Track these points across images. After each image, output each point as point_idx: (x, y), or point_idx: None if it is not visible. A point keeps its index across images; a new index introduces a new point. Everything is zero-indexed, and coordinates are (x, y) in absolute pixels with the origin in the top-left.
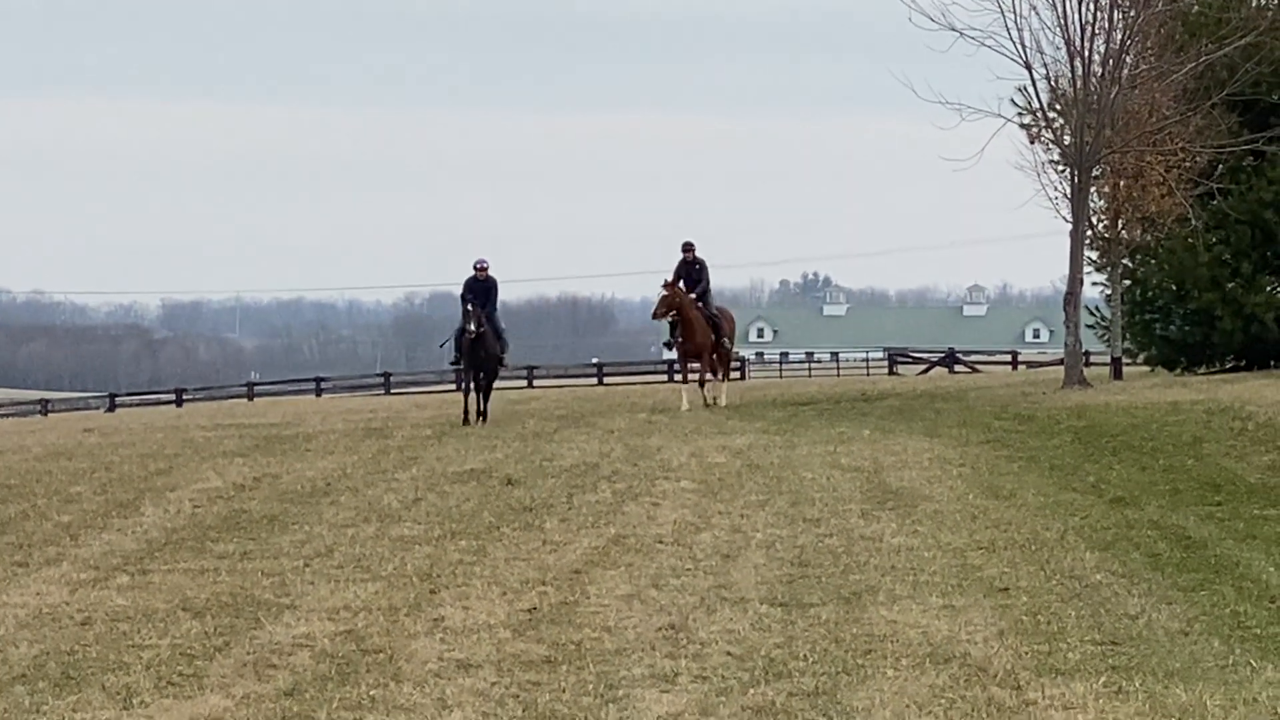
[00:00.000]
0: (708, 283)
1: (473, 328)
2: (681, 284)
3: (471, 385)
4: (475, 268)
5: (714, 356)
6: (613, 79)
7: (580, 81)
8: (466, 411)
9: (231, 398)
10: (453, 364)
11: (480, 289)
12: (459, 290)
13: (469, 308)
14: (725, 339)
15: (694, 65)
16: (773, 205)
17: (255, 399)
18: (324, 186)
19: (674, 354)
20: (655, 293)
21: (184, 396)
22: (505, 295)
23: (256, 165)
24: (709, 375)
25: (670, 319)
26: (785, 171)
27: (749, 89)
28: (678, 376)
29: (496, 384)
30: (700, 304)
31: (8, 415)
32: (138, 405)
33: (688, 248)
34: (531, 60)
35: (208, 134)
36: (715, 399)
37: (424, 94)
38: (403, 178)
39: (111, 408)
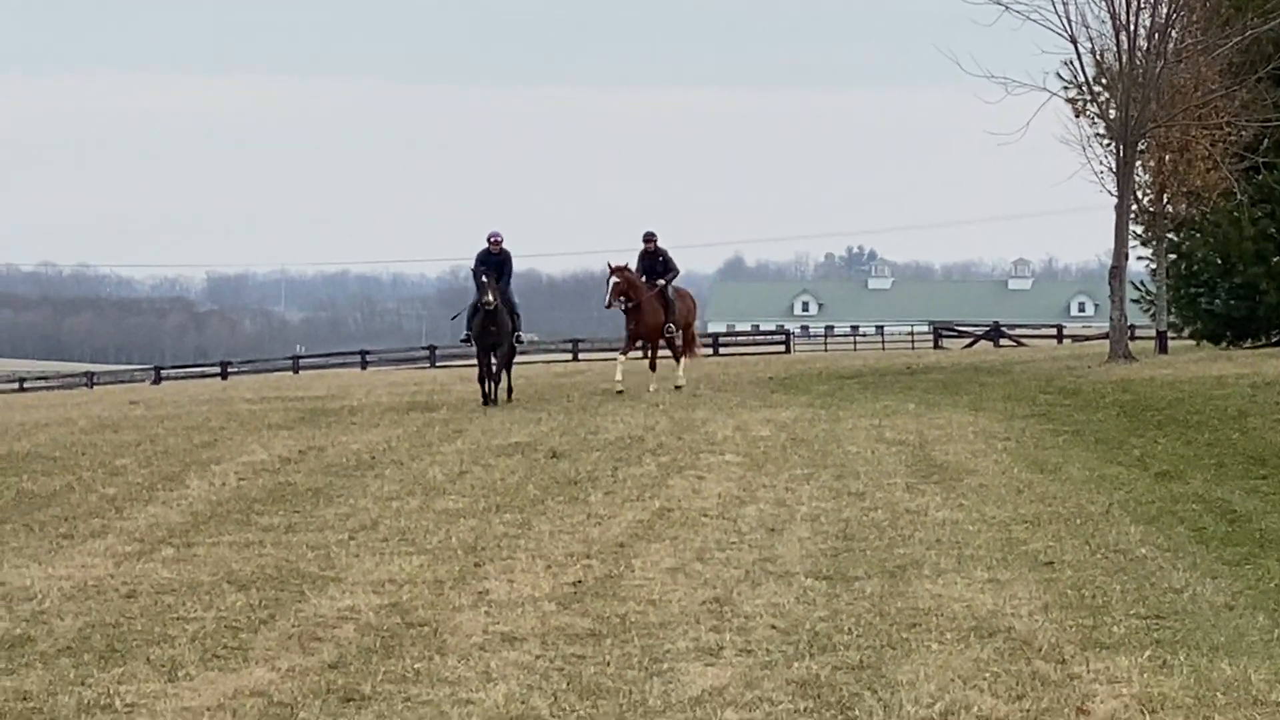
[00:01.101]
0: (676, 272)
1: (490, 298)
2: (644, 277)
3: (489, 365)
4: (489, 240)
5: (668, 340)
6: (660, 54)
7: (628, 57)
8: (484, 393)
9: (276, 370)
10: (463, 340)
11: (494, 262)
12: (471, 265)
13: (483, 279)
14: (671, 324)
15: (740, 39)
16: (818, 179)
17: (300, 372)
18: (369, 160)
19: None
20: (704, 269)
21: (229, 369)
22: (553, 269)
23: (302, 139)
24: (663, 356)
25: (624, 305)
26: (830, 145)
27: (795, 62)
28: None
29: (541, 358)
30: (654, 287)
31: (53, 388)
32: (183, 378)
33: (649, 238)
34: (580, 36)
35: (255, 107)
36: (678, 381)
37: (471, 68)
38: (448, 151)
39: (157, 380)
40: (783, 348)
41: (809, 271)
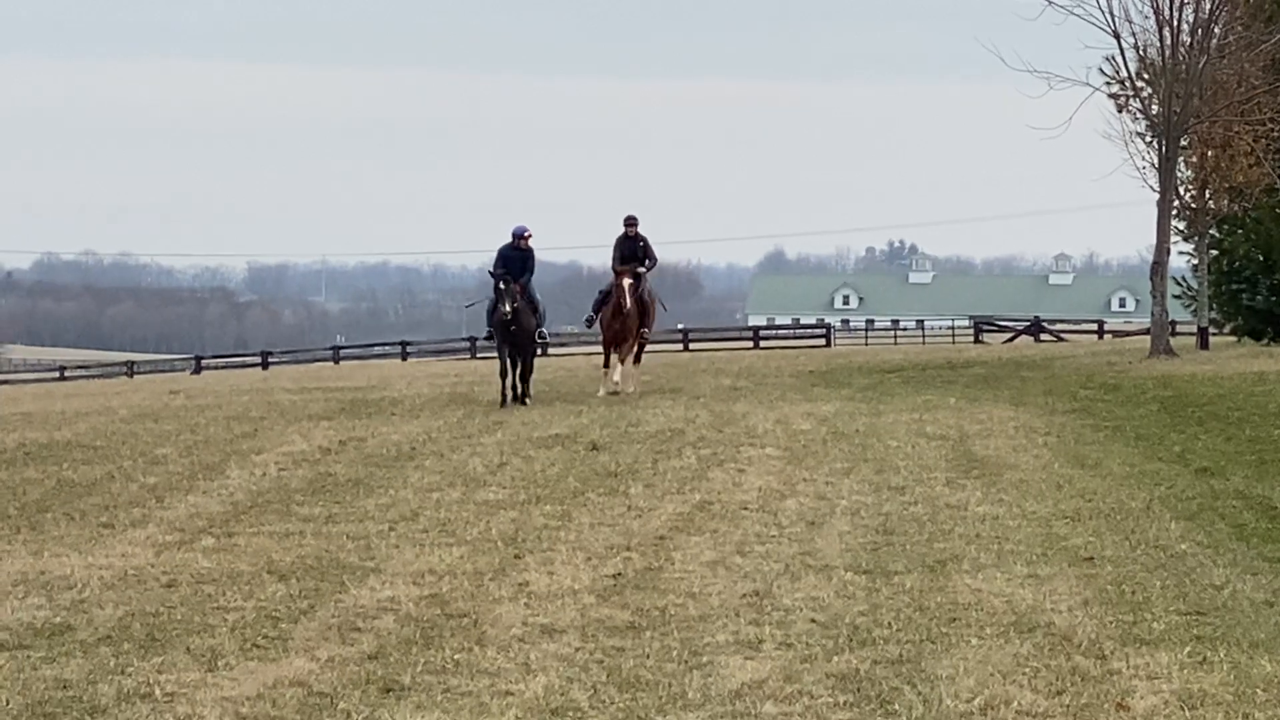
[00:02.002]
0: (655, 261)
1: (507, 308)
2: (618, 265)
3: (508, 366)
4: (515, 235)
5: (639, 344)
6: (697, 45)
7: (665, 47)
8: (504, 394)
9: (317, 361)
10: (485, 338)
11: (516, 259)
12: (493, 257)
13: (501, 286)
14: (646, 329)
15: (779, 31)
16: (859, 172)
17: (341, 362)
18: (410, 150)
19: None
20: (745, 262)
21: (269, 359)
22: (594, 262)
23: (343, 129)
24: (625, 361)
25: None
26: (872, 138)
27: (835, 55)
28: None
29: (580, 350)
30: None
31: (94, 377)
32: (223, 368)
33: (630, 222)
34: (617, 25)
35: (296, 98)
36: (632, 388)
37: (512, 58)
38: (489, 142)
39: (197, 370)
40: (823, 341)
41: (849, 265)
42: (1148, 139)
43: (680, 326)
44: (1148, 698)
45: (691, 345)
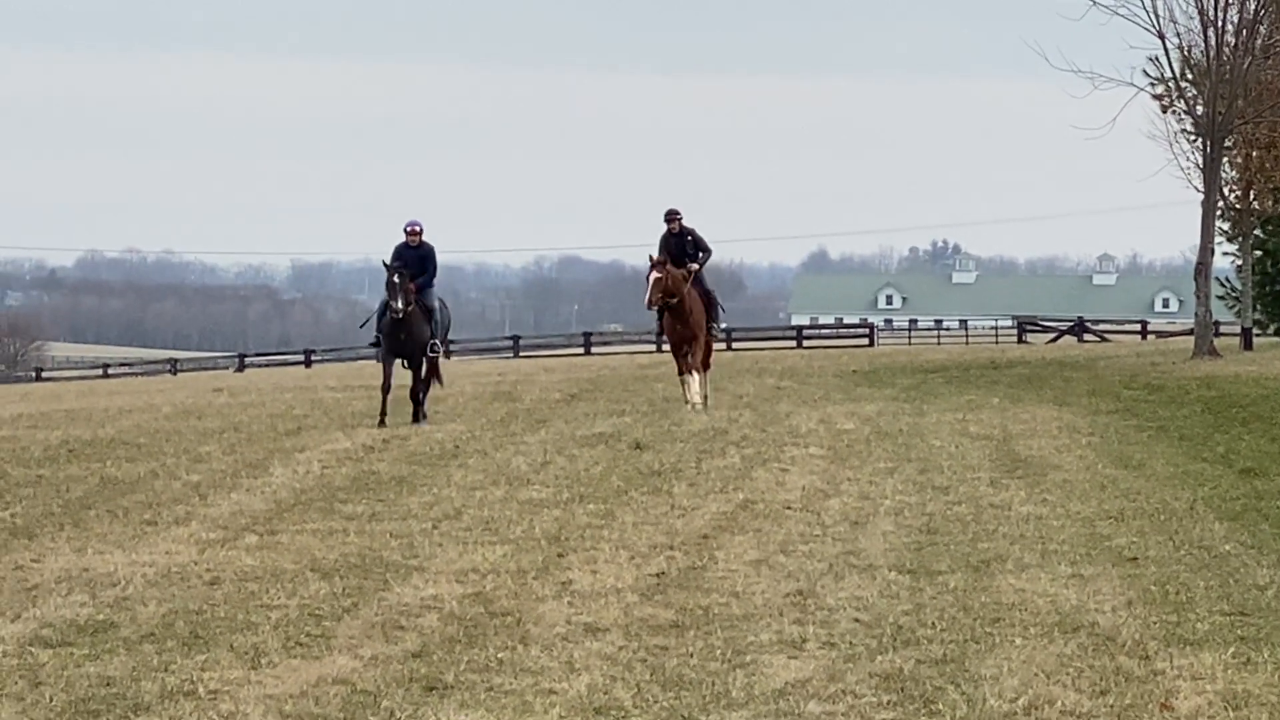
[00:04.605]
0: (709, 253)
1: (399, 305)
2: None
3: (390, 379)
4: (406, 231)
5: (708, 342)
6: (741, 42)
7: (714, 45)
8: (383, 411)
9: (360, 359)
10: (371, 344)
11: (413, 258)
12: (388, 259)
13: (395, 279)
14: (715, 324)
15: (825, 30)
16: (903, 171)
17: None
18: (454, 149)
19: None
20: (788, 262)
21: (313, 357)
22: (637, 261)
23: (386, 128)
24: (697, 367)
25: (663, 304)
26: (915, 137)
27: (881, 53)
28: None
29: (625, 350)
30: (688, 278)
31: (137, 374)
32: (266, 365)
33: (671, 216)
34: (657, 24)
35: (340, 95)
36: (702, 397)
37: (557, 56)
38: (533, 140)
39: (240, 368)
40: (866, 341)
41: (893, 265)
42: (1192, 139)
43: (723, 326)
44: (1191, 698)
45: (735, 345)
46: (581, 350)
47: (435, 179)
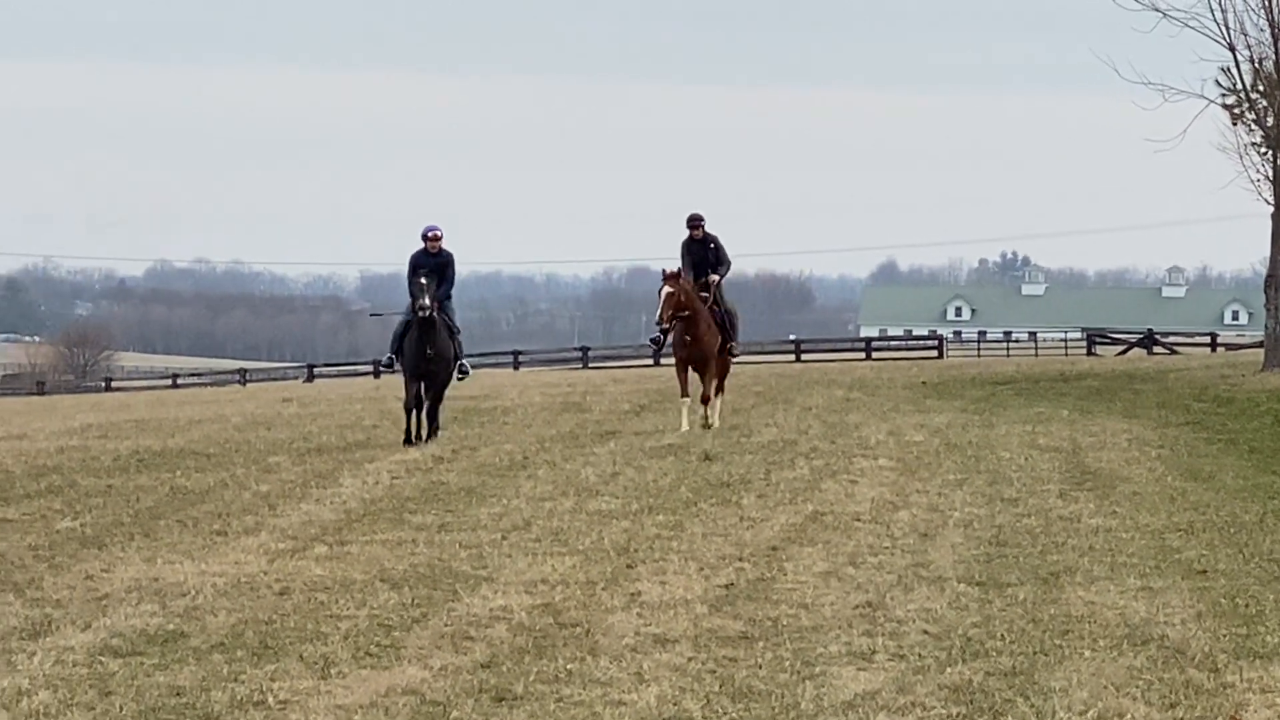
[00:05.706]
0: (728, 265)
1: (426, 302)
2: (691, 272)
3: (414, 398)
4: (425, 237)
5: (722, 364)
6: (810, 53)
7: (777, 55)
8: (408, 430)
9: None
10: (385, 363)
11: (434, 266)
12: (404, 268)
13: (422, 280)
14: (733, 345)
15: (895, 40)
16: (972, 183)
17: None
18: (523, 160)
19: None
20: (857, 273)
21: (381, 368)
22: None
23: (456, 137)
24: (708, 391)
25: (673, 320)
26: (985, 150)
27: (951, 65)
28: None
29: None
30: (708, 296)
31: (207, 384)
32: (336, 376)
33: (695, 222)
34: (727, 34)
35: (411, 105)
36: (709, 419)
37: (621, 66)
38: (604, 150)
39: (310, 378)
40: (935, 353)
41: (962, 276)
42: (1262, 151)
43: (792, 337)
44: (1261, 711)
45: (804, 356)
46: (651, 361)
47: (506, 190)
